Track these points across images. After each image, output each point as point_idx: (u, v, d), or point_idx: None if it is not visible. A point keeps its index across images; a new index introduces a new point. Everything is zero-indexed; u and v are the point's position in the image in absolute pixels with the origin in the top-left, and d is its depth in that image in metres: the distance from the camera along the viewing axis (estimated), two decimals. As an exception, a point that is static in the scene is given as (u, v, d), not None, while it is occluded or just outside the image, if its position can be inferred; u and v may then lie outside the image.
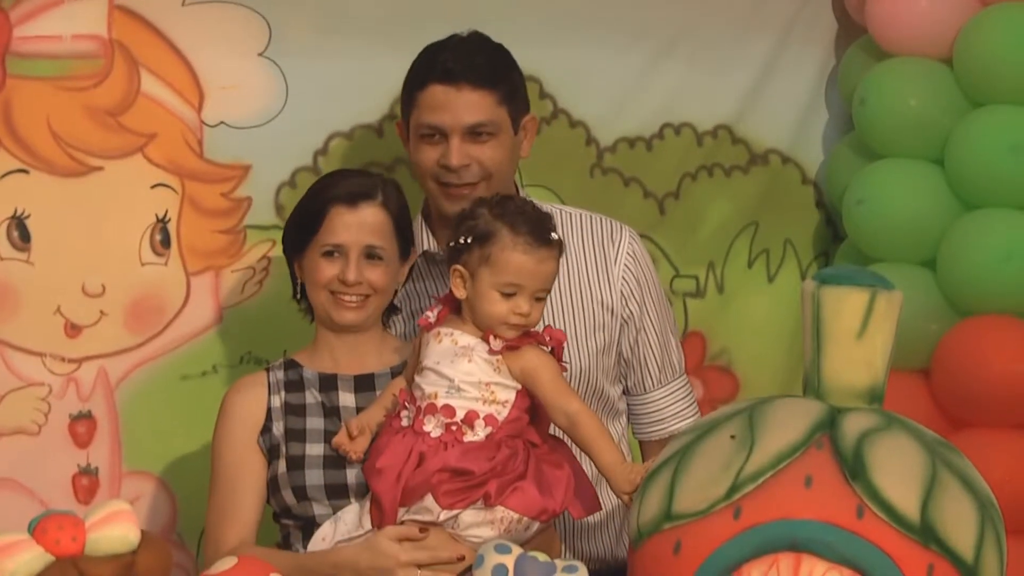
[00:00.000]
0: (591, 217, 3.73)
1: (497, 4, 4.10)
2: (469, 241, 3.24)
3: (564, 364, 3.29)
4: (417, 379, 3.26)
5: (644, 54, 4.29)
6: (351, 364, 3.43)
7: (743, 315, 4.45)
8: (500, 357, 3.21)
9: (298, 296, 3.51)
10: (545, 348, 3.26)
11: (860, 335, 2.88)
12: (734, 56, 4.36)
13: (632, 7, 4.26)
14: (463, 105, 3.54)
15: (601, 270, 3.68)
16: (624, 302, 3.69)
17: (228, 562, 2.86)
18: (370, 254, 3.40)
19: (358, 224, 3.40)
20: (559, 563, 2.92)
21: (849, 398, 2.89)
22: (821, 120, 4.50)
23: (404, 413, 3.26)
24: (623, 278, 3.69)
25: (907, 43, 4.27)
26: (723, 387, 4.44)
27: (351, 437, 3.33)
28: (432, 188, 3.59)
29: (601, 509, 3.35)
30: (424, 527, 3.21)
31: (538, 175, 4.22)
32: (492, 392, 3.21)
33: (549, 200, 4.12)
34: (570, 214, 3.73)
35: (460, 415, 3.19)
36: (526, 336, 3.24)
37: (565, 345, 3.32)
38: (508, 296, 3.21)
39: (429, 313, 3.29)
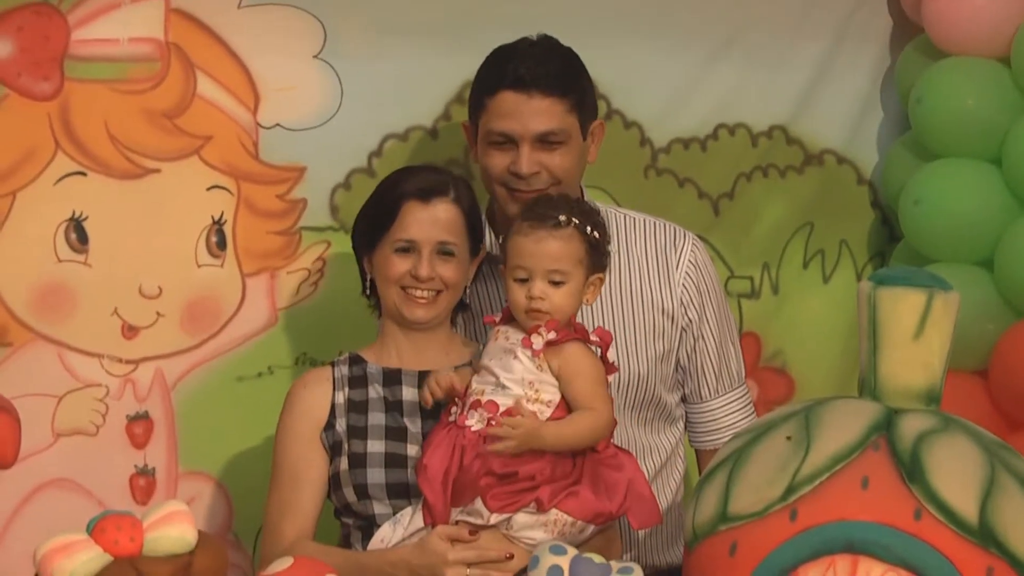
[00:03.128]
0: (654, 222, 3.73)
1: (552, 5, 4.09)
2: (503, 240, 3.30)
3: (613, 364, 3.29)
4: (474, 377, 3.28)
5: (699, 54, 4.28)
6: (416, 360, 3.44)
7: (798, 316, 4.43)
8: (542, 356, 3.21)
9: (367, 292, 3.52)
10: (592, 347, 3.25)
11: (917, 336, 2.87)
12: (789, 56, 4.35)
13: (687, 8, 4.25)
14: (534, 113, 3.53)
15: (662, 276, 3.67)
16: (684, 309, 3.67)
17: (284, 562, 2.87)
18: (443, 250, 3.41)
19: (431, 220, 3.41)
20: (614, 564, 2.91)
21: (906, 399, 2.88)
22: (876, 120, 4.48)
23: (454, 408, 3.27)
24: (683, 284, 3.67)
25: (964, 42, 4.25)
26: (778, 388, 4.43)
27: (436, 389, 3.31)
28: (500, 193, 3.59)
29: (661, 522, 3.34)
30: (475, 529, 3.21)
31: (592, 176, 4.19)
32: (536, 391, 3.21)
33: (603, 202, 4.12)
34: (633, 219, 3.72)
35: (501, 410, 3.19)
36: (569, 331, 3.22)
37: (616, 349, 3.31)
38: (522, 282, 3.22)
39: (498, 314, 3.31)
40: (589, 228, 3.25)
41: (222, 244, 4.00)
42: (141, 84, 3.91)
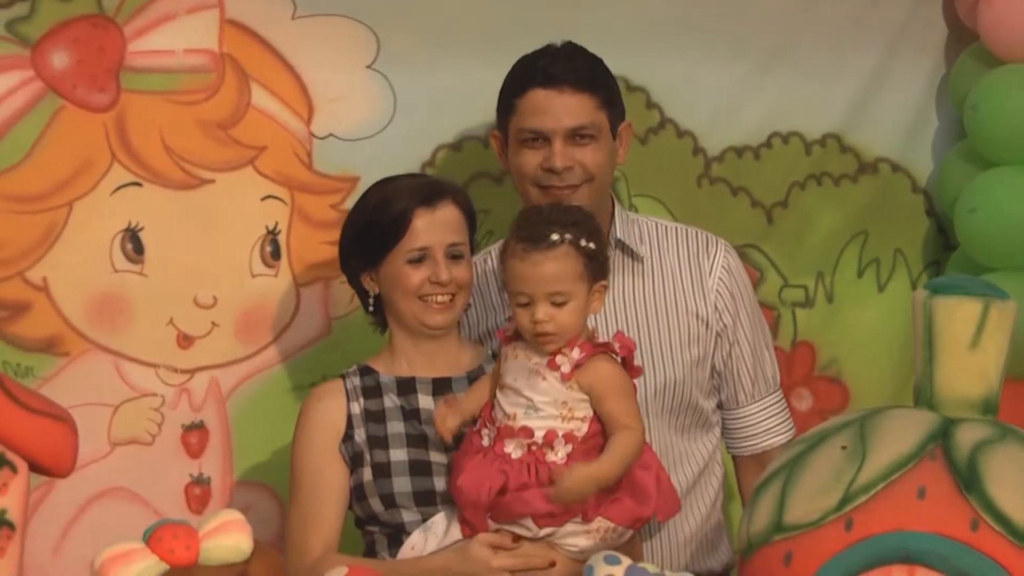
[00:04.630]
0: (686, 230, 3.74)
1: (604, 15, 4.10)
2: (499, 260, 3.28)
3: (638, 368, 3.27)
4: (498, 395, 3.26)
5: (751, 63, 4.27)
6: (428, 368, 3.45)
7: (853, 325, 4.42)
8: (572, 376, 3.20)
9: (371, 308, 3.51)
10: (615, 355, 3.23)
11: (973, 345, 2.85)
12: (843, 64, 4.33)
13: (740, 16, 4.25)
14: (565, 108, 3.55)
15: (696, 282, 3.68)
16: (718, 315, 3.68)
17: (339, 572, 2.88)
18: (453, 253, 3.42)
19: (439, 224, 3.43)
20: (669, 574, 2.91)
21: (962, 409, 2.86)
22: (931, 128, 4.46)
23: (485, 432, 3.26)
24: (717, 290, 3.68)
25: (1020, 49, 4.22)
26: (833, 398, 4.41)
27: (444, 414, 3.32)
28: (533, 193, 3.59)
29: (679, 511, 3.37)
30: (517, 537, 3.21)
31: (645, 185, 4.21)
32: (570, 409, 3.21)
33: (656, 211, 4.12)
34: (665, 227, 3.74)
35: (539, 435, 3.19)
36: (592, 347, 3.20)
37: (651, 354, 3.32)
38: (525, 306, 3.20)
39: (508, 325, 3.30)
40: (583, 241, 3.22)
41: (276, 254, 4.01)
42: (196, 95, 3.93)
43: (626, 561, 2.92)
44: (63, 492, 3.83)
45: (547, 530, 3.20)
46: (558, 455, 3.19)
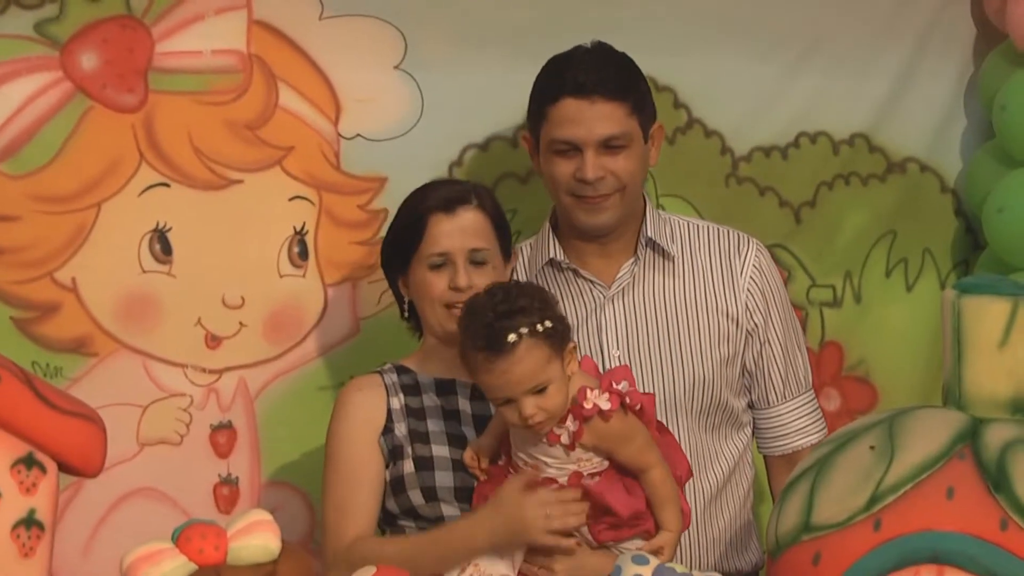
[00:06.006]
0: (718, 229, 3.74)
1: (632, 14, 4.10)
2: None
3: (641, 395, 3.25)
4: (515, 454, 3.26)
5: (779, 63, 4.27)
6: (463, 372, 3.44)
7: (881, 325, 4.41)
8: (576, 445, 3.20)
9: (406, 315, 3.52)
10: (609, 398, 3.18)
11: (1002, 344, 2.85)
12: (871, 64, 4.32)
13: (767, 16, 4.24)
14: (596, 118, 3.55)
15: (727, 281, 3.67)
16: (749, 314, 3.67)
17: (368, 571, 2.88)
18: (475, 259, 3.42)
19: (459, 229, 3.43)
20: (697, 575, 2.92)
21: (991, 408, 2.85)
22: (960, 127, 4.45)
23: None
24: (748, 289, 3.68)
25: (1048, 49, 4.21)
26: (861, 398, 4.40)
27: (471, 461, 3.34)
28: (567, 202, 3.61)
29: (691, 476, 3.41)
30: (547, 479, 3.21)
31: (673, 185, 4.21)
32: (588, 460, 3.22)
33: (684, 210, 4.12)
34: (697, 226, 3.74)
35: (564, 480, 3.21)
36: (583, 408, 3.15)
37: (681, 353, 3.32)
38: (509, 403, 3.16)
39: None
40: (539, 325, 3.14)
41: (304, 254, 4.02)
42: (224, 96, 3.94)
43: (654, 561, 2.93)
44: (92, 492, 3.84)
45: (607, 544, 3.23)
46: (593, 479, 3.20)
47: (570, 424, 3.17)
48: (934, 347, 4.22)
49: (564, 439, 3.17)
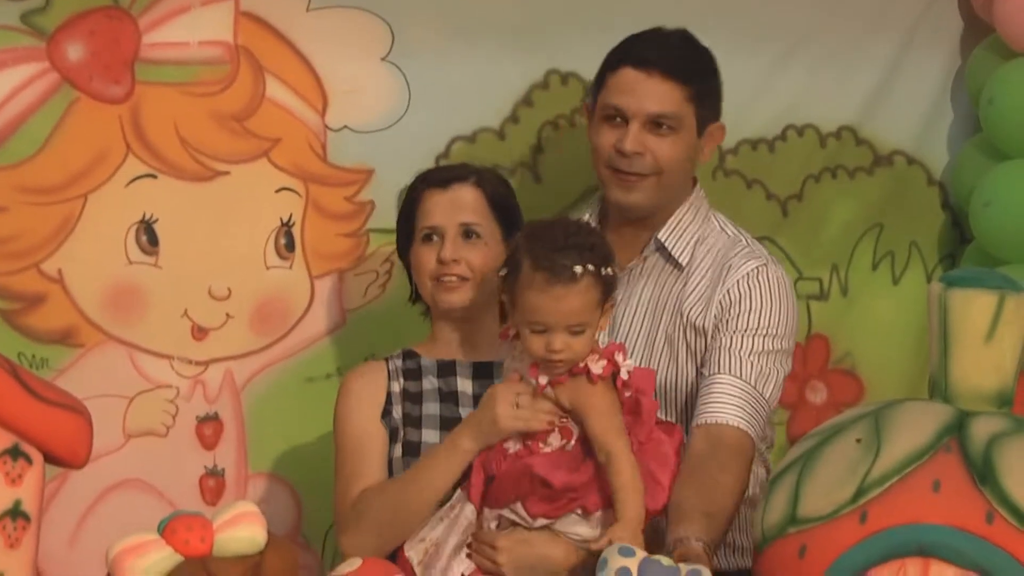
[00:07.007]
0: (744, 246, 3.59)
1: (621, 7, 4.09)
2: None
3: (655, 402, 3.24)
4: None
5: (767, 56, 4.27)
6: (470, 352, 3.45)
7: (868, 318, 4.41)
8: (550, 389, 3.19)
9: (414, 299, 3.53)
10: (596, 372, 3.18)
11: (989, 338, 2.85)
12: (858, 57, 4.32)
13: (755, 10, 4.24)
14: (650, 92, 3.50)
15: (705, 296, 3.52)
16: (714, 325, 3.53)
17: (354, 563, 2.89)
18: (467, 232, 3.42)
19: (451, 202, 3.44)
20: (683, 567, 2.91)
21: (977, 402, 2.86)
22: (947, 121, 4.45)
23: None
24: (720, 303, 3.50)
25: (1036, 42, 4.22)
26: (847, 391, 4.40)
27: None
28: (604, 174, 3.55)
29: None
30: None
31: (660, 178, 4.20)
32: (559, 418, 3.21)
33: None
34: (728, 237, 3.61)
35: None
36: (574, 369, 3.17)
37: (657, 364, 3.31)
38: (540, 332, 3.16)
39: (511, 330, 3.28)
40: (604, 269, 3.17)
41: (291, 246, 4.02)
42: (211, 87, 3.93)
43: (640, 553, 2.92)
44: (78, 483, 3.83)
45: (542, 521, 3.20)
46: (552, 446, 3.19)
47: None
48: (920, 340, 4.22)
49: (542, 380, 3.18)
